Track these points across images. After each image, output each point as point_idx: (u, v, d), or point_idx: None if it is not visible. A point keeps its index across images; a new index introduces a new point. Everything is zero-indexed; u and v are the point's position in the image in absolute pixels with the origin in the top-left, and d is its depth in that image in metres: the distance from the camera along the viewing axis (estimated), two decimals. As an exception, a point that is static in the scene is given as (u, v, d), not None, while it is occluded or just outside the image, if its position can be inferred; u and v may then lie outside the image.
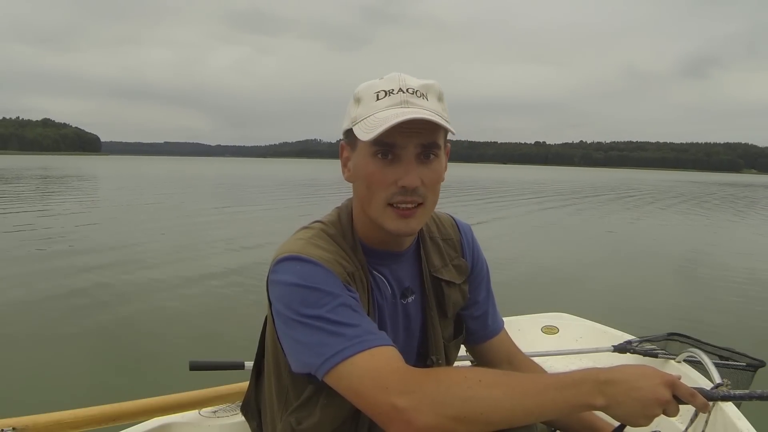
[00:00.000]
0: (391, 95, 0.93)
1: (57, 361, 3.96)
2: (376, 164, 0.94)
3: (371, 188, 0.95)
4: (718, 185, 52.64)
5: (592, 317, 2.48)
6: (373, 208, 0.96)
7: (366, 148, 0.94)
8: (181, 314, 5.20)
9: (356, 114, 0.95)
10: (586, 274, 7.79)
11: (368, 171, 0.94)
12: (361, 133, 0.92)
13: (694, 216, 17.64)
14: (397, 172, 0.93)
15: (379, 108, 0.93)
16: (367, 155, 0.94)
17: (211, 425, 1.52)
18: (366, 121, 0.92)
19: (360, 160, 0.96)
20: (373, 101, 0.94)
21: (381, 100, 0.93)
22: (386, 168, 0.93)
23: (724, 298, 6.46)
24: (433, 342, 1.10)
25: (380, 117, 0.91)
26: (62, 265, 7.25)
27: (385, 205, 0.95)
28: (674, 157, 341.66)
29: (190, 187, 27.29)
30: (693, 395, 0.84)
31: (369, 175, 0.94)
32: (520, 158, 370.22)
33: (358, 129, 0.93)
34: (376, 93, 0.94)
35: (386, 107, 0.92)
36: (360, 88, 0.97)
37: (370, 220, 0.99)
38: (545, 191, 30.07)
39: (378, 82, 0.96)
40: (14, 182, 26.40)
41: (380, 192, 0.94)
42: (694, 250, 10.24)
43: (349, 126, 0.96)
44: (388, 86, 0.94)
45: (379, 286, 1.04)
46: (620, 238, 11.81)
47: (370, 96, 0.94)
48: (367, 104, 0.94)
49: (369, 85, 0.96)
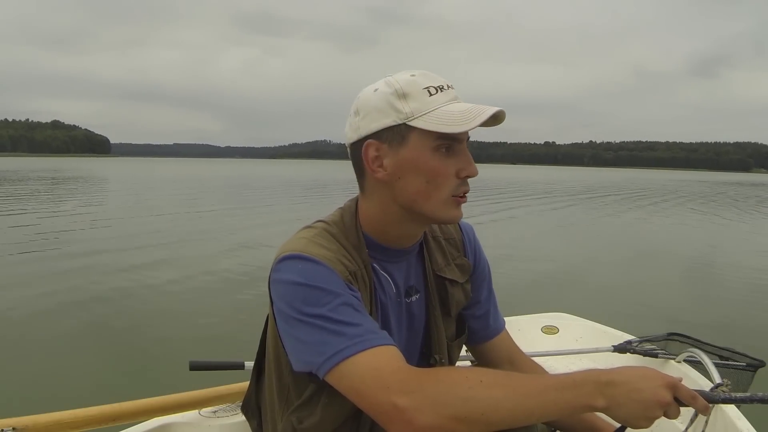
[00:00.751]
0: (443, 91, 0.96)
1: (57, 361, 3.97)
2: (439, 158, 0.95)
3: (435, 182, 0.96)
4: (727, 185, 52.40)
5: (594, 317, 2.48)
6: (434, 202, 0.97)
7: (426, 142, 0.94)
8: (181, 314, 5.21)
9: (411, 109, 0.94)
10: (589, 273, 7.80)
11: (432, 165, 0.95)
12: (438, 126, 0.92)
13: (703, 215, 17.61)
14: (457, 163, 0.96)
15: (440, 102, 0.94)
16: (427, 149, 0.94)
17: (211, 425, 1.52)
18: (433, 114, 0.93)
19: (417, 155, 0.95)
20: (427, 96, 0.94)
21: (435, 96, 0.95)
22: (447, 160, 0.96)
23: (732, 298, 6.48)
24: (437, 341, 1.11)
25: (454, 110, 0.93)
26: (62, 265, 7.26)
27: (449, 196, 0.97)
28: (684, 157, 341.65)
29: (199, 188, 27.21)
30: (694, 397, 0.84)
31: (433, 169, 0.95)
32: (530, 158, 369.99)
33: (423, 123, 0.93)
34: (425, 89, 0.95)
35: (447, 101, 0.95)
36: (401, 84, 0.95)
37: (394, 216, 1.00)
38: (555, 191, 30.03)
39: (416, 79, 0.96)
40: (21, 184, 26.41)
41: (446, 184, 0.96)
42: (701, 250, 10.21)
43: (398, 122, 0.94)
44: (433, 83, 0.96)
45: (383, 285, 1.04)
46: (627, 237, 11.83)
47: (419, 91, 0.95)
48: (421, 99, 0.94)
49: (408, 81, 0.96)
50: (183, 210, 15.18)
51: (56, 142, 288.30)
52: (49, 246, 8.72)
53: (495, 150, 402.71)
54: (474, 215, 14.27)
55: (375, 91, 0.97)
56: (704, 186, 45.54)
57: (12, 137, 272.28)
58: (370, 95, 0.98)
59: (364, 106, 0.98)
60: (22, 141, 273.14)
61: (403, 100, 0.94)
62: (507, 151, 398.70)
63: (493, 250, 8.28)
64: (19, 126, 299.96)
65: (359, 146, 0.98)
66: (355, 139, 0.99)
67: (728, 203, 24.38)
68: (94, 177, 35.93)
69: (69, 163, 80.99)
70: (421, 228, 1.07)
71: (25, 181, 29.12)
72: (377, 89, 0.97)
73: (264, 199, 19.90)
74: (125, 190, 24.82)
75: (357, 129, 0.98)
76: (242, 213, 14.69)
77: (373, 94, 0.97)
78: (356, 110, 0.99)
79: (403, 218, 1.01)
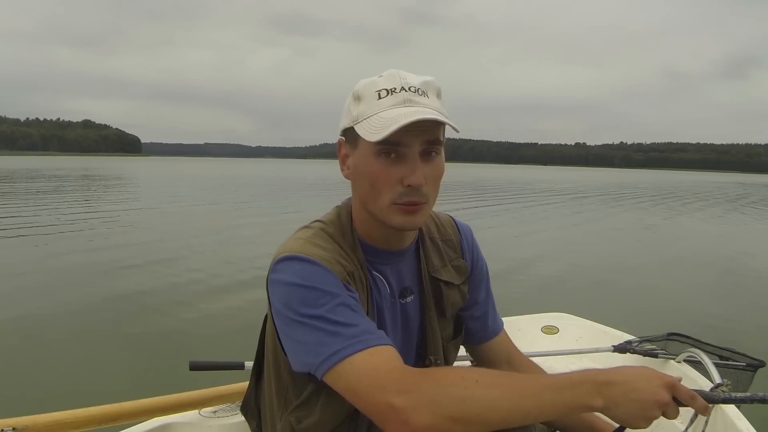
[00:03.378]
0: (393, 94, 0.93)
1: (56, 361, 3.97)
2: (380, 163, 0.93)
3: (376, 187, 0.95)
4: (763, 186, 51.81)
5: (594, 317, 2.48)
6: (378, 206, 0.96)
7: (369, 147, 0.93)
8: (181, 314, 5.20)
9: (358, 112, 0.94)
10: (590, 273, 7.78)
11: (372, 170, 0.94)
12: (366, 133, 0.92)
13: (731, 217, 17.51)
14: (402, 171, 0.93)
15: (382, 107, 0.92)
16: (370, 154, 0.94)
17: (211, 425, 1.53)
18: (370, 121, 0.92)
19: (362, 158, 0.96)
20: (375, 100, 0.93)
21: (383, 99, 0.93)
22: (391, 167, 0.93)
23: (735, 298, 6.46)
24: (432, 342, 1.10)
25: (385, 117, 0.91)
26: (61, 265, 7.26)
27: (390, 203, 0.95)
28: (715, 159, 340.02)
29: (228, 188, 27.11)
30: (693, 397, 0.83)
31: (373, 174, 0.94)
32: (561, 159, 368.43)
33: (361, 128, 0.93)
34: (377, 91, 0.94)
35: (390, 106, 0.92)
36: (359, 86, 0.96)
37: (371, 218, 1.00)
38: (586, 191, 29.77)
39: (378, 80, 0.95)
40: (45, 182, 26.39)
41: (386, 191, 0.94)
42: (728, 252, 10.04)
43: (350, 124, 0.96)
44: (389, 84, 0.94)
45: (378, 286, 1.04)
46: (631, 238, 11.81)
47: (371, 94, 0.94)
48: (368, 103, 0.94)
49: (369, 82, 0.96)
50: (189, 209, 15.19)
51: (87, 141, 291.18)
52: (43, 243, 8.72)
53: (526, 151, 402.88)
54: (473, 216, 14.27)
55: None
56: (743, 188, 44.85)
57: (43, 136, 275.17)
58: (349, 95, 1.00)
59: (344, 104, 1.00)
60: (53, 140, 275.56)
61: (356, 103, 0.96)
62: (538, 152, 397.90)
63: (494, 250, 8.32)
64: (50, 125, 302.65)
65: (339, 143, 1.02)
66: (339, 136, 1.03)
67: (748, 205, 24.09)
68: (110, 176, 35.86)
69: (98, 162, 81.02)
70: (392, 230, 1.00)
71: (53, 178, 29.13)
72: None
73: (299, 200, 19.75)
74: (143, 188, 24.86)
75: (340, 126, 1.01)
76: (269, 212, 14.66)
77: (349, 93, 0.99)
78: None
79: (374, 219, 1.00)
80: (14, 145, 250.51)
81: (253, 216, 13.87)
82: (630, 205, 21.38)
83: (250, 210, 15.51)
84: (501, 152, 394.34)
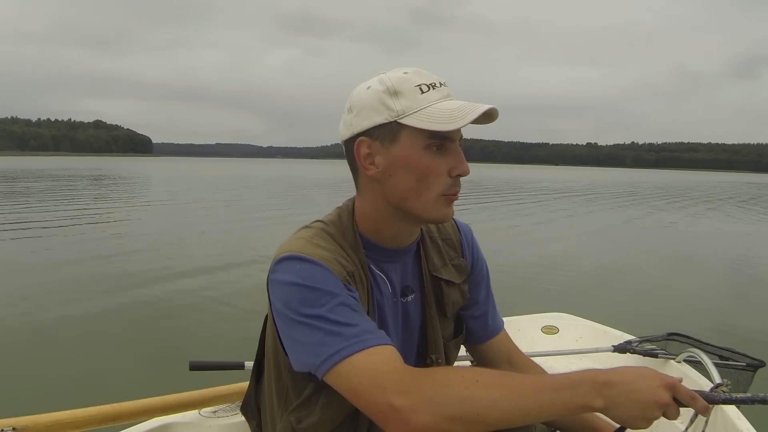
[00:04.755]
0: (435, 88, 0.95)
1: (56, 361, 3.97)
2: (430, 156, 0.94)
3: (426, 180, 0.95)
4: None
5: (594, 317, 2.48)
6: (424, 200, 0.96)
7: (417, 140, 0.94)
8: (181, 314, 5.21)
9: (403, 106, 0.94)
10: (591, 273, 7.78)
11: (423, 163, 0.94)
12: (430, 124, 0.92)
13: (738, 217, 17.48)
14: (449, 162, 0.95)
15: (431, 100, 0.94)
16: (418, 147, 0.94)
17: (211, 425, 1.53)
18: (425, 112, 0.93)
19: (406, 152, 0.95)
20: (419, 94, 0.94)
21: (427, 93, 0.94)
22: (439, 159, 0.95)
23: (736, 298, 6.46)
24: (433, 341, 1.11)
25: (446, 107, 0.93)
26: (60, 264, 7.26)
27: (439, 195, 0.96)
28: (726, 159, 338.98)
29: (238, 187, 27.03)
30: (693, 398, 0.83)
31: (424, 168, 0.95)
32: (572, 160, 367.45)
33: (415, 120, 0.93)
34: (417, 86, 0.94)
35: (439, 99, 0.94)
36: (393, 82, 0.95)
37: (387, 215, 1.00)
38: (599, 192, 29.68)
39: (408, 77, 0.96)
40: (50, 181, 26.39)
41: (436, 183, 0.96)
42: (732, 253, 9.98)
43: (390, 119, 0.94)
44: (425, 80, 0.95)
45: (379, 285, 1.04)
46: (632, 238, 11.81)
47: (411, 89, 0.94)
48: (412, 97, 0.94)
49: (401, 78, 0.96)
50: (194, 211, 15.19)
51: (98, 141, 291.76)
52: (43, 243, 8.72)
53: (537, 151, 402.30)
54: (474, 216, 14.28)
55: (368, 88, 0.98)
56: (756, 188, 44.64)
57: (54, 137, 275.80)
58: (363, 92, 0.98)
59: (357, 103, 0.98)
60: (64, 140, 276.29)
61: (394, 98, 0.95)
62: (550, 153, 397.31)
63: (494, 250, 8.32)
64: (61, 126, 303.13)
65: (352, 143, 0.99)
66: (348, 136, 0.99)
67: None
68: (117, 176, 35.83)
69: (110, 162, 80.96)
70: (414, 227, 1.05)
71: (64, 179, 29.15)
72: (370, 87, 0.97)
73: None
74: (152, 189, 24.87)
75: (350, 126, 0.99)
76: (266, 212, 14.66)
77: (366, 91, 0.97)
78: (350, 107, 0.99)
79: (395, 217, 1.01)
80: (26, 145, 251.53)
81: (258, 215, 13.87)
82: (633, 206, 21.38)
83: (255, 209, 15.50)
84: (512, 152, 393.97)
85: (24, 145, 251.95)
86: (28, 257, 7.79)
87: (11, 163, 65.06)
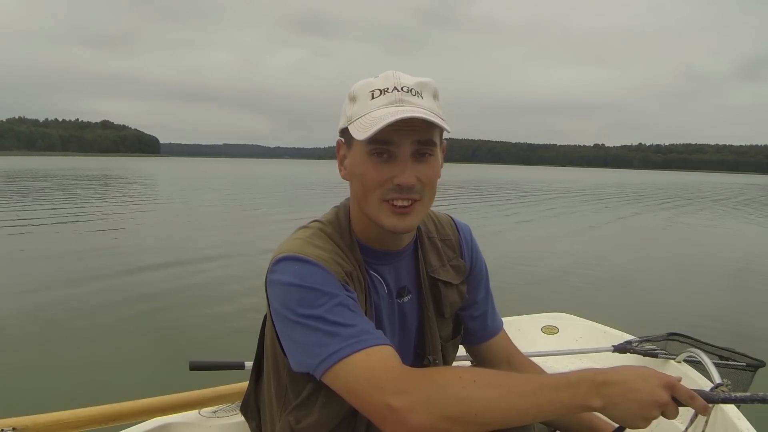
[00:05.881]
0: (386, 94, 0.94)
1: (56, 361, 3.97)
2: (371, 163, 0.94)
3: (367, 186, 0.95)
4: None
5: (594, 317, 2.48)
6: (369, 206, 0.97)
7: (361, 146, 0.94)
8: (181, 314, 5.20)
9: (351, 113, 0.96)
10: (591, 273, 7.77)
11: (364, 169, 0.95)
12: (356, 132, 0.93)
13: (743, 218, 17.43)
14: (392, 170, 0.94)
15: (374, 107, 0.93)
16: (362, 154, 0.95)
17: (211, 425, 1.53)
18: (361, 120, 0.93)
19: (356, 158, 0.97)
20: (368, 100, 0.94)
21: (376, 99, 0.94)
22: (382, 166, 0.94)
23: (736, 298, 6.45)
24: (430, 342, 1.11)
25: (375, 116, 0.92)
26: (59, 263, 7.26)
27: (380, 202, 0.95)
28: (733, 160, 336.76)
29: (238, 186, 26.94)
30: (692, 397, 0.83)
31: (365, 174, 0.95)
32: (580, 161, 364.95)
33: (353, 128, 0.94)
34: (371, 92, 0.95)
35: (381, 106, 0.93)
36: (355, 87, 0.97)
37: (367, 218, 1.00)
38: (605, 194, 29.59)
39: (373, 81, 0.96)
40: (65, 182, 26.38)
41: (376, 190, 0.95)
42: (735, 254, 9.90)
43: (345, 125, 0.97)
44: (383, 85, 0.95)
45: (376, 285, 1.04)
46: (633, 238, 11.79)
47: (365, 95, 0.95)
48: (362, 103, 0.95)
49: (364, 83, 0.97)
50: (196, 211, 15.18)
51: (106, 141, 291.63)
52: (44, 243, 8.72)
53: (545, 152, 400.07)
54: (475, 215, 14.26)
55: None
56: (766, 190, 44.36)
57: (62, 137, 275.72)
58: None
59: (342, 106, 1.01)
60: (71, 141, 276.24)
61: (351, 103, 0.97)
62: (557, 154, 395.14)
63: (494, 250, 8.31)
64: (69, 126, 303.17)
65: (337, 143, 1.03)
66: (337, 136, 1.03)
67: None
68: (123, 177, 35.76)
69: (118, 162, 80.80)
70: (385, 231, 1.00)
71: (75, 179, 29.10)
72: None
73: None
74: (154, 189, 24.87)
75: (338, 127, 1.02)
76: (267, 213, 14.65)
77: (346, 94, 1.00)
78: None
79: (370, 220, 1.00)
80: (33, 145, 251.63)
81: (258, 215, 13.86)
82: (635, 206, 21.36)
83: (255, 210, 15.50)
84: (520, 153, 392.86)
85: (31, 145, 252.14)
86: (23, 254, 7.79)
87: (18, 163, 65.04)
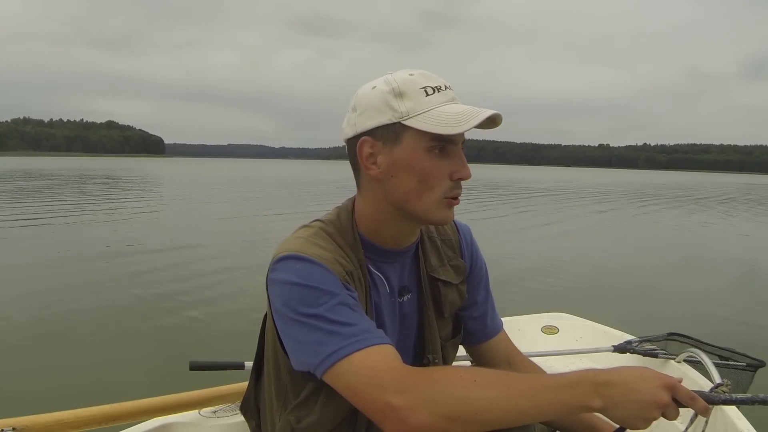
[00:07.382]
0: (439, 91, 0.95)
1: (56, 361, 3.97)
2: (432, 158, 0.95)
3: (427, 182, 0.96)
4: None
5: (594, 317, 2.48)
6: (425, 202, 0.97)
7: (419, 142, 0.94)
8: (181, 313, 5.20)
9: (407, 108, 0.94)
10: (591, 273, 7.77)
11: (424, 165, 0.95)
12: (433, 127, 0.92)
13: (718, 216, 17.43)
14: (452, 165, 0.96)
15: (436, 103, 0.94)
16: (420, 149, 0.95)
17: (211, 425, 1.53)
18: (429, 115, 0.93)
19: (408, 154, 0.95)
20: (423, 96, 0.94)
21: (432, 96, 0.94)
22: (441, 162, 0.96)
23: (736, 297, 6.45)
24: (430, 341, 1.11)
25: (450, 111, 0.93)
26: (58, 263, 7.26)
27: (441, 197, 0.97)
28: (738, 160, 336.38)
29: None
30: (693, 398, 0.83)
31: (425, 170, 0.95)
32: (584, 161, 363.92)
33: (418, 122, 0.93)
34: (422, 88, 0.95)
35: (444, 102, 0.95)
36: (398, 83, 0.95)
37: (387, 216, 1.00)
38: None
39: (413, 78, 0.96)
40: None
41: (438, 185, 0.96)
42: (737, 254, 9.90)
43: (393, 120, 0.94)
44: (431, 83, 0.96)
45: (377, 285, 1.04)
46: (632, 238, 11.79)
47: (416, 91, 0.95)
48: (417, 99, 0.94)
49: (407, 80, 0.96)
50: (195, 210, 15.18)
51: (111, 142, 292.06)
52: (44, 243, 8.72)
53: (549, 152, 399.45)
54: (474, 216, 14.26)
55: (373, 88, 0.98)
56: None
57: (67, 137, 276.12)
58: (368, 92, 0.98)
59: (362, 102, 0.98)
60: (76, 141, 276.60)
61: (399, 99, 0.95)
62: (562, 154, 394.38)
63: (494, 250, 8.31)
64: (73, 126, 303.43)
65: (355, 142, 0.99)
66: (351, 135, 1.00)
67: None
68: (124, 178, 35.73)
69: (122, 163, 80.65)
70: (415, 228, 1.06)
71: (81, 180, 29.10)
72: (375, 87, 0.98)
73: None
74: (158, 189, 24.87)
75: (354, 125, 0.99)
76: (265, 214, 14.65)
77: (371, 91, 0.98)
78: (354, 107, 1.00)
79: (396, 217, 1.01)
80: (38, 146, 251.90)
81: (258, 214, 13.86)
82: (634, 206, 21.36)
83: (256, 209, 15.49)
84: (524, 153, 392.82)
85: (37, 145, 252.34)
86: (23, 254, 7.79)
87: (24, 163, 65.00)
